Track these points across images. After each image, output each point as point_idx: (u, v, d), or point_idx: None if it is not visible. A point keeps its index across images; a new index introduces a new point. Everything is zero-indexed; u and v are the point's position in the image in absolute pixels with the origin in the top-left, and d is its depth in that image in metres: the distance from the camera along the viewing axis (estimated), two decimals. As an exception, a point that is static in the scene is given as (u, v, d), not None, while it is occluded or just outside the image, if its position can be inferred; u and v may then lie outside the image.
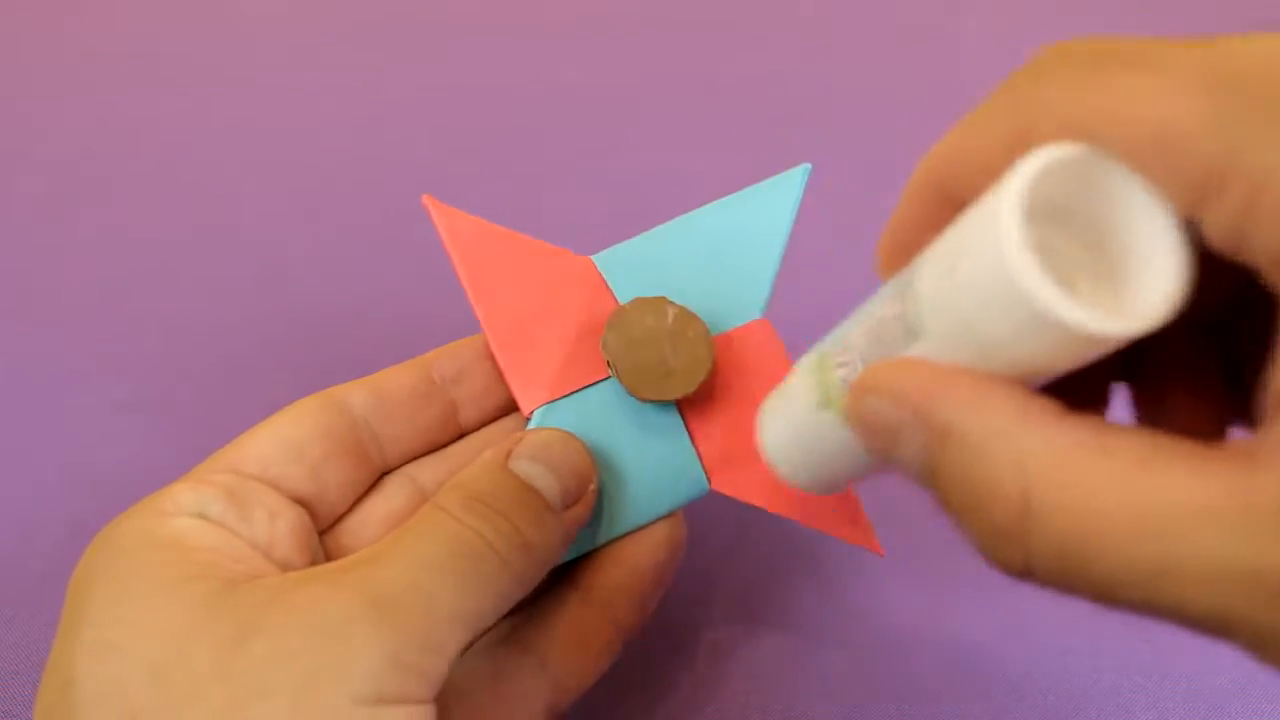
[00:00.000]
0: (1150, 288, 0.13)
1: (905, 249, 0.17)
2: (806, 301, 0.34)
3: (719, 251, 0.24)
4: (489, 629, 0.23)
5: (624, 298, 0.24)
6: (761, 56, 0.48)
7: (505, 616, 0.24)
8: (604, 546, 0.23)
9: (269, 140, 0.45)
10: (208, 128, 0.46)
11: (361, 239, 0.40)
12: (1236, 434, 0.17)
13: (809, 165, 0.24)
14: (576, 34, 0.50)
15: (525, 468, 0.21)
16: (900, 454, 0.15)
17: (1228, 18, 0.51)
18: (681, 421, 0.24)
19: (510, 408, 0.24)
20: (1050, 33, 0.48)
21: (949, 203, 0.16)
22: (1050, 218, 0.14)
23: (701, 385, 0.23)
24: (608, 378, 0.24)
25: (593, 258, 0.25)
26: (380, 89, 0.48)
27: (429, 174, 0.43)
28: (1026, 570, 0.14)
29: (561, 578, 0.24)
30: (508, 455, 0.21)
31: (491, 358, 0.24)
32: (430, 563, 0.18)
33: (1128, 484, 0.13)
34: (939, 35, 0.49)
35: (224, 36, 0.52)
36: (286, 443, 0.22)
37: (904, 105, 0.45)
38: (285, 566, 0.20)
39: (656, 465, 0.23)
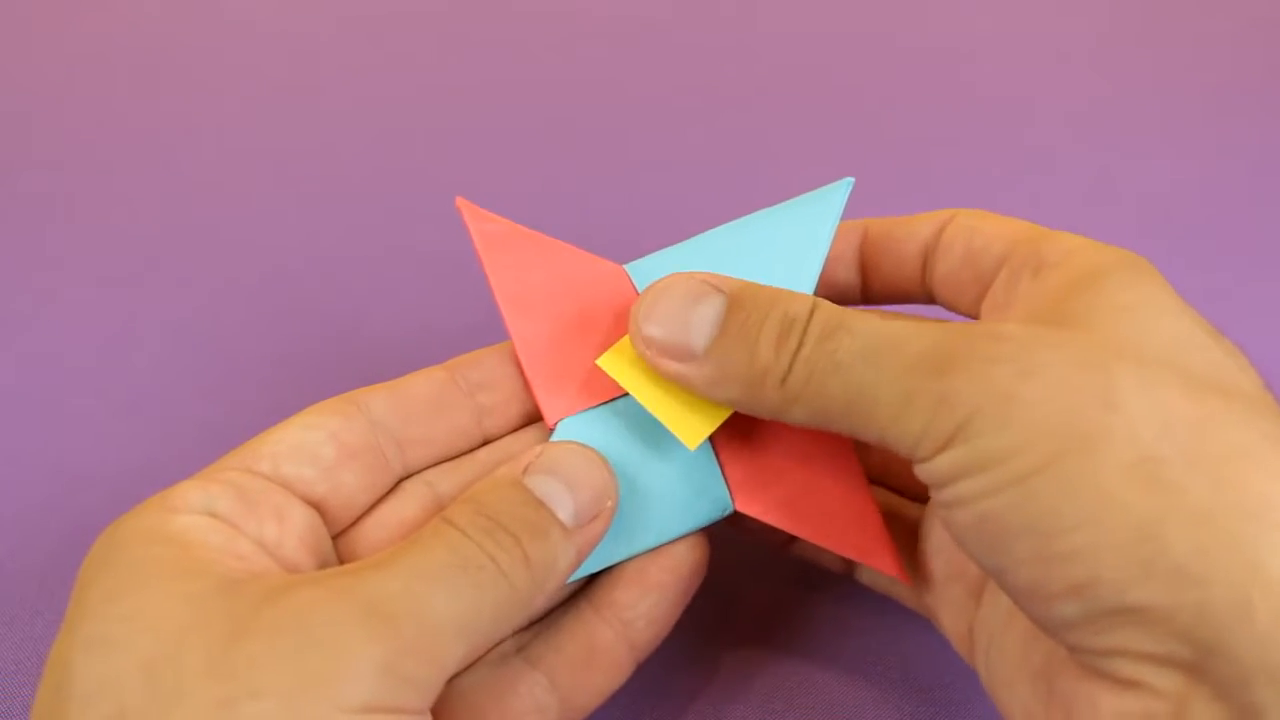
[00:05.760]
0: None
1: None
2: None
3: (755, 265, 0.23)
4: (495, 645, 0.23)
5: None
6: (804, 65, 0.48)
7: (518, 630, 0.23)
8: (622, 563, 0.23)
9: (272, 140, 0.45)
10: (209, 127, 0.46)
11: (368, 240, 0.39)
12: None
13: (851, 179, 0.24)
14: (609, 35, 0.50)
15: (541, 484, 0.20)
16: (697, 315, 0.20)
17: (1228, 17, 0.51)
18: (708, 439, 0.23)
19: (535, 417, 0.24)
20: (1052, 40, 0.49)
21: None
22: None
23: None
24: (635, 390, 0.23)
25: (625, 266, 0.24)
26: (394, 87, 0.48)
27: (443, 176, 0.43)
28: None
29: (577, 593, 0.23)
30: (524, 470, 0.20)
31: (517, 365, 0.23)
32: (429, 574, 0.18)
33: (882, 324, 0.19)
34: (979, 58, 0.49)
35: (227, 36, 0.51)
36: (301, 443, 0.21)
37: (939, 122, 0.45)
38: (292, 568, 0.20)
39: (680, 483, 0.23)
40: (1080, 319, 0.19)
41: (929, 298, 0.25)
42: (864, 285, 0.26)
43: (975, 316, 0.23)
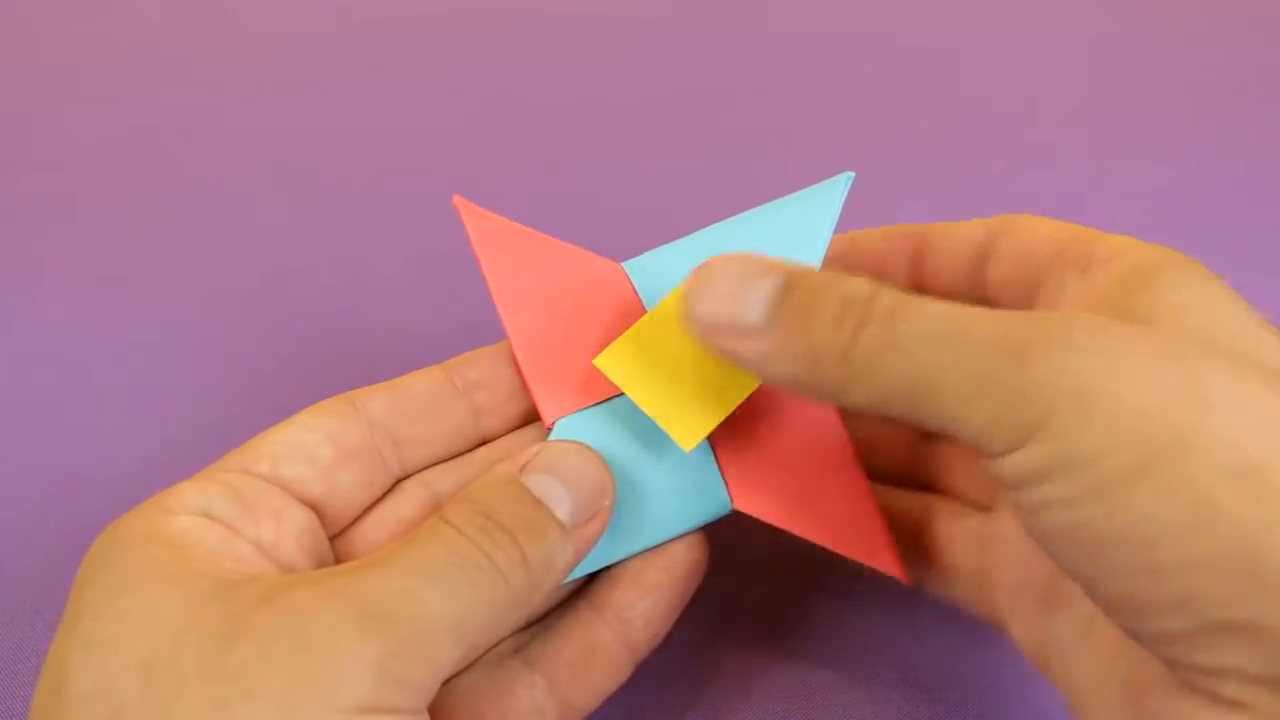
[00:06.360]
0: None
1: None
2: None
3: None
4: (493, 646, 0.23)
5: (654, 306, 0.23)
6: (804, 64, 0.48)
7: (516, 631, 0.23)
8: (620, 563, 0.23)
9: (272, 140, 0.45)
10: (209, 127, 0.45)
11: (367, 240, 0.39)
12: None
13: (851, 174, 0.24)
14: (609, 35, 0.50)
15: (539, 482, 0.20)
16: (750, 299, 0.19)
17: (1228, 17, 0.51)
18: (706, 438, 0.23)
19: (533, 416, 0.24)
20: (1052, 40, 0.49)
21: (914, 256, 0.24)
22: None
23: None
24: (633, 389, 0.23)
25: (623, 264, 0.24)
26: (394, 87, 0.47)
27: (443, 176, 0.43)
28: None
29: (575, 594, 0.23)
30: (522, 468, 0.20)
31: (515, 365, 0.23)
32: (425, 574, 0.18)
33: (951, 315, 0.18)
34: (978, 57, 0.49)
35: (227, 36, 0.51)
36: (299, 444, 0.21)
37: (932, 121, 0.45)
38: (290, 568, 0.20)
39: (679, 481, 0.23)
40: (1141, 315, 0.18)
41: (983, 304, 0.24)
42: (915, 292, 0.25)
43: None
